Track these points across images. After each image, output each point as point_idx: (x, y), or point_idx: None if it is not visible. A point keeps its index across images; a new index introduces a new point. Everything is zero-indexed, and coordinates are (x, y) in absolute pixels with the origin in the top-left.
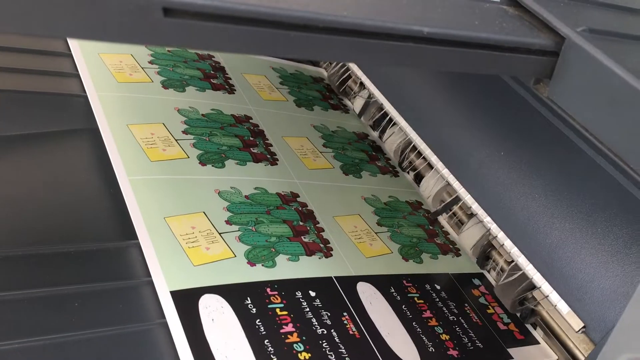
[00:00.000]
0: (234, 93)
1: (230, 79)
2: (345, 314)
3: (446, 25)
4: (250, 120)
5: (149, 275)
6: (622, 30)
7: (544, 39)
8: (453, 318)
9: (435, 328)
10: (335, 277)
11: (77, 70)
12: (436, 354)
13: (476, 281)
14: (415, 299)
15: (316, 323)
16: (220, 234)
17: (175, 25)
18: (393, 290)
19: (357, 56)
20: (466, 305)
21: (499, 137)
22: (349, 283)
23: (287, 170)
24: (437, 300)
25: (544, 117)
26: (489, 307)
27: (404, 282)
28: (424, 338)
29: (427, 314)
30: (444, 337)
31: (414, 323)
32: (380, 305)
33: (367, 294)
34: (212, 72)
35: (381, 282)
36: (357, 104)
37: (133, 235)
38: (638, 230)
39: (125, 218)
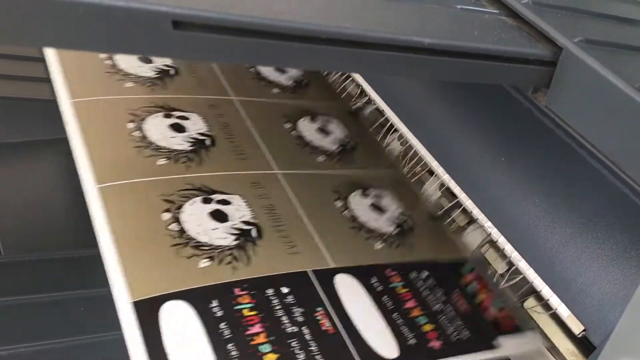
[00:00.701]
0: None
1: None
2: (319, 309)
3: (446, 36)
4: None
5: (108, 285)
6: (618, 40)
7: (542, 49)
8: (440, 306)
9: (418, 319)
10: (312, 270)
11: (48, 75)
12: (416, 346)
13: (467, 267)
14: (399, 288)
15: (287, 321)
16: (187, 236)
17: (184, 38)
18: (375, 281)
19: (359, 67)
20: (455, 292)
21: (500, 143)
22: (326, 276)
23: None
24: (424, 288)
25: (544, 124)
26: (480, 293)
27: (388, 271)
28: (405, 329)
29: (410, 303)
30: (427, 327)
31: (394, 314)
32: (358, 297)
33: (346, 286)
34: None
35: (362, 273)
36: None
37: (94, 243)
38: (637, 235)
39: (90, 227)
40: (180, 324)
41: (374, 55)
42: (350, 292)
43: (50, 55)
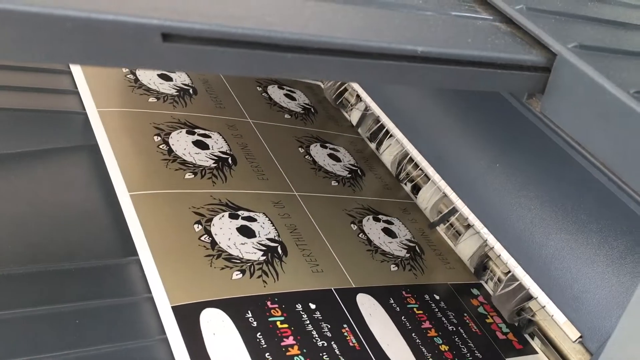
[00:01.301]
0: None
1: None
2: (345, 325)
3: (439, 43)
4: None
5: (150, 291)
6: (612, 45)
7: (536, 56)
8: (452, 328)
9: (435, 339)
10: (334, 289)
11: (76, 87)
12: None
13: (475, 291)
14: (415, 309)
15: (316, 335)
16: (219, 248)
17: (174, 50)
18: (392, 302)
19: (352, 76)
20: (465, 315)
21: (495, 150)
22: (349, 295)
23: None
24: (437, 310)
25: (538, 130)
26: (488, 316)
27: (403, 292)
28: (424, 349)
29: (427, 324)
30: (443, 347)
31: (413, 334)
32: (379, 317)
33: (367, 305)
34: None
35: (380, 294)
36: (354, 117)
37: (133, 251)
38: (632, 240)
39: (125, 234)
40: (219, 330)
41: (367, 65)
42: (372, 311)
43: (77, 68)
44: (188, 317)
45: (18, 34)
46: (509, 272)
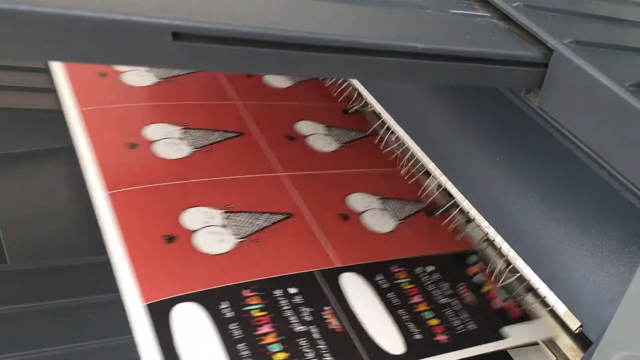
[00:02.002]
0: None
1: None
2: (326, 308)
3: (439, 40)
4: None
5: (116, 291)
6: (607, 41)
7: (533, 51)
8: (445, 300)
9: (424, 313)
10: (317, 270)
11: (53, 85)
12: (423, 341)
13: (472, 258)
14: (405, 284)
15: (295, 321)
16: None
17: (184, 49)
18: (381, 278)
19: (354, 73)
20: (461, 285)
21: (495, 144)
22: (332, 275)
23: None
24: (430, 282)
25: (537, 124)
26: (485, 284)
27: (393, 267)
28: (411, 325)
29: (416, 298)
30: (433, 322)
31: (400, 310)
32: (364, 295)
33: (351, 284)
34: None
35: (367, 270)
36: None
37: (104, 250)
38: (630, 231)
39: (98, 233)
40: (192, 325)
41: (368, 61)
42: (356, 290)
43: (55, 65)
44: (159, 314)
45: (34, 34)
46: (510, 264)
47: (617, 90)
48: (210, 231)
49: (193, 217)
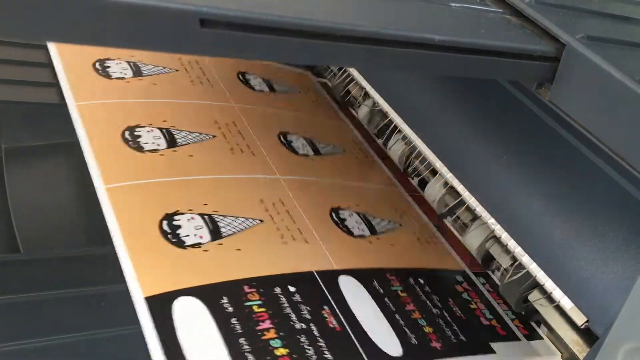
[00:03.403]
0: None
1: None
2: (325, 307)
3: (455, 33)
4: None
5: (124, 281)
6: (617, 37)
7: (545, 46)
8: (437, 312)
9: (419, 321)
10: (316, 271)
11: (56, 79)
12: (419, 346)
13: (459, 278)
14: (399, 292)
15: (295, 318)
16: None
17: (211, 35)
18: (376, 284)
19: (373, 62)
20: (449, 300)
21: (501, 142)
22: (331, 277)
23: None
24: (421, 294)
25: (543, 122)
26: (472, 302)
27: (387, 275)
28: (407, 330)
29: (411, 306)
30: (427, 329)
31: (396, 315)
32: (362, 298)
33: (350, 287)
34: None
35: (364, 276)
36: (362, 113)
37: (108, 242)
38: (637, 228)
39: (101, 225)
40: (193, 319)
41: (387, 52)
42: (354, 293)
43: (57, 60)
44: (161, 306)
45: (60, 17)
46: (516, 261)
47: (629, 83)
48: (201, 227)
49: (188, 214)
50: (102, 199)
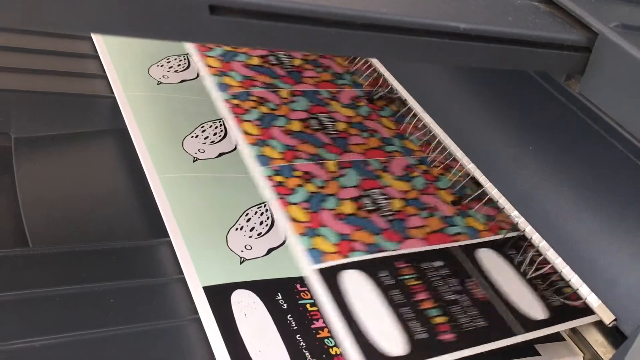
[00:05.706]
0: None
1: None
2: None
3: (481, 21)
4: None
5: (181, 272)
6: None
7: (577, 35)
8: (454, 297)
9: (429, 311)
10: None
11: (104, 71)
12: (427, 340)
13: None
14: (411, 280)
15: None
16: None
17: (220, 23)
18: (384, 274)
19: (394, 52)
20: (472, 279)
21: (527, 132)
22: (331, 273)
23: None
24: (437, 278)
25: (572, 112)
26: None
27: (398, 263)
28: (415, 324)
29: (422, 295)
30: (439, 320)
31: (403, 308)
32: (364, 294)
33: (353, 283)
34: None
35: (369, 267)
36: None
37: (164, 233)
38: None
39: (156, 216)
40: (250, 312)
41: (410, 41)
42: (356, 288)
43: (104, 53)
44: (219, 297)
45: (71, 6)
46: (541, 255)
47: None
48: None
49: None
50: (156, 188)
